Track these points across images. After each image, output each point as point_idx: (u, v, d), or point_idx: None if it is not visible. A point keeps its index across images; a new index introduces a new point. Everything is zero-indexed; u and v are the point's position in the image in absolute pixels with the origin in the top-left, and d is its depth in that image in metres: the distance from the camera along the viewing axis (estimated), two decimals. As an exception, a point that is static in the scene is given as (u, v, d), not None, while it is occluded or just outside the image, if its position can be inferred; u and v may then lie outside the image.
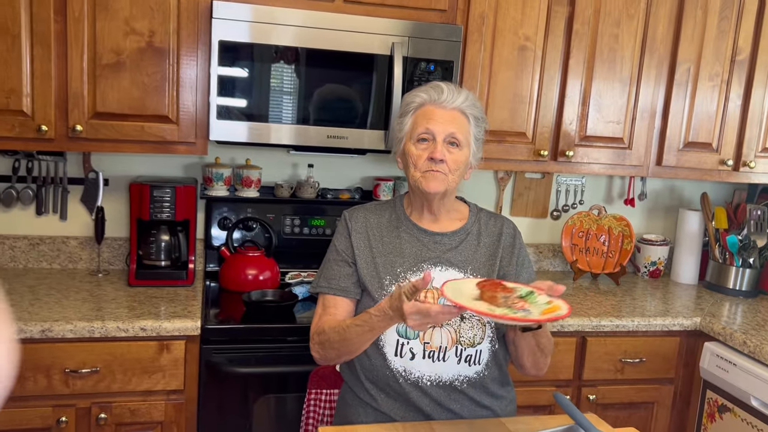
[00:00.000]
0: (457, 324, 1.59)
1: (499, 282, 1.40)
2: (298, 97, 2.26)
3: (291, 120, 2.26)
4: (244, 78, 2.21)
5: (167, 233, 2.42)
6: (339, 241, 1.74)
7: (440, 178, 1.63)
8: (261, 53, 2.20)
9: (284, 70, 2.23)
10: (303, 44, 2.21)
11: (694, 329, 2.43)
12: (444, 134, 1.63)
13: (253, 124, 2.24)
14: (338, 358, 1.66)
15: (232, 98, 2.21)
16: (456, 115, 1.65)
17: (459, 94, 1.66)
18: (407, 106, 1.71)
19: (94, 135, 2.18)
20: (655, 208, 3.14)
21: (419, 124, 1.65)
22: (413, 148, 1.66)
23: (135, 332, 2.00)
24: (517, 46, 2.45)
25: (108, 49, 2.15)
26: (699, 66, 2.62)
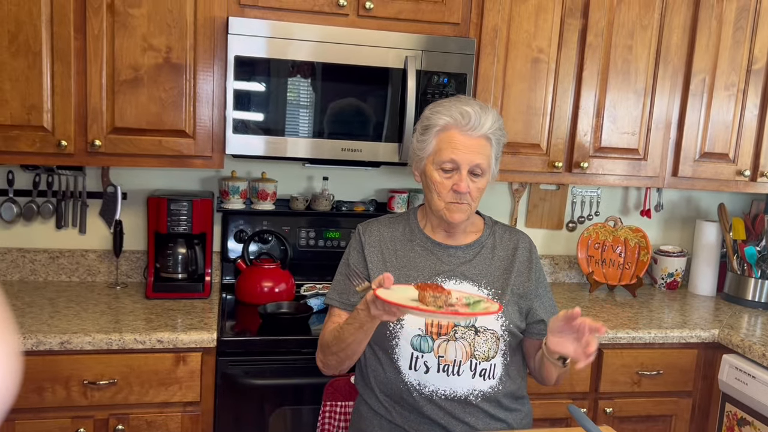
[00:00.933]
0: (472, 337, 1.59)
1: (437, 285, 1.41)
2: (313, 111, 2.28)
3: (306, 133, 2.28)
4: (259, 92, 2.24)
5: (184, 246, 2.44)
6: (352, 256, 1.75)
7: (464, 209, 1.65)
8: (276, 68, 2.23)
9: (299, 85, 2.26)
10: (317, 59, 2.24)
11: (712, 341, 2.41)
12: (469, 165, 1.63)
13: (269, 137, 2.26)
14: (339, 364, 1.67)
15: (247, 112, 2.23)
16: (481, 142, 1.64)
17: (486, 118, 1.63)
18: (431, 125, 1.67)
19: (112, 150, 2.22)
20: (672, 219, 3.12)
21: (443, 152, 1.63)
22: (436, 175, 1.65)
23: (152, 344, 2.02)
24: (530, 59, 2.46)
25: (126, 66, 2.18)
26: (714, 76, 2.61)
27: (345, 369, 1.68)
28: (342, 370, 1.69)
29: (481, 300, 1.42)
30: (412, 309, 1.33)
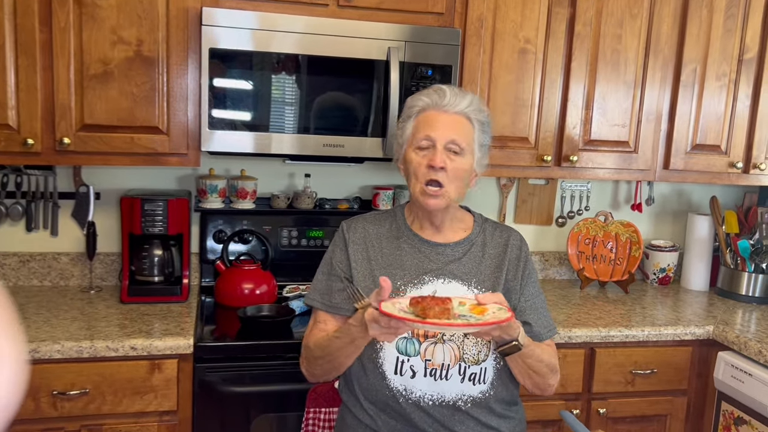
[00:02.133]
0: (461, 340, 1.51)
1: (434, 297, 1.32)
2: (293, 106, 2.19)
3: (286, 129, 2.19)
4: (236, 86, 2.15)
5: (160, 248, 2.34)
6: (334, 254, 1.66)
7: (441, 195, 1.55)
8: (253, 61, 2.13)
9: (278, 78, 2.16)
10: (296, 51, 2.15)
11: (707, 338, 2.34)
12: (444, 140, 1.55)
13: (247, 133, 2.17)
14: (325, 374, 1.59)
15: (224, 107, 2.14)
16: (459, 120, 1.57)
17: (463, 97, 1.58)
18: (409, 110, 1.63)
19: (82, 148, 2.12)
20: (663, 213, 3.05)
21: (420, 130, 1.58)
22: (413, 155, 1.58)
23: (125, 351, 1.92)
24: (517, 49, 2.38)
25: (95, 59, 2.08)
26: (705, 66, 2.54)
27: (332, 378, 1.60)
28: (328, 378, 1.61)
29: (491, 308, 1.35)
30: (428, 324, 1.24)
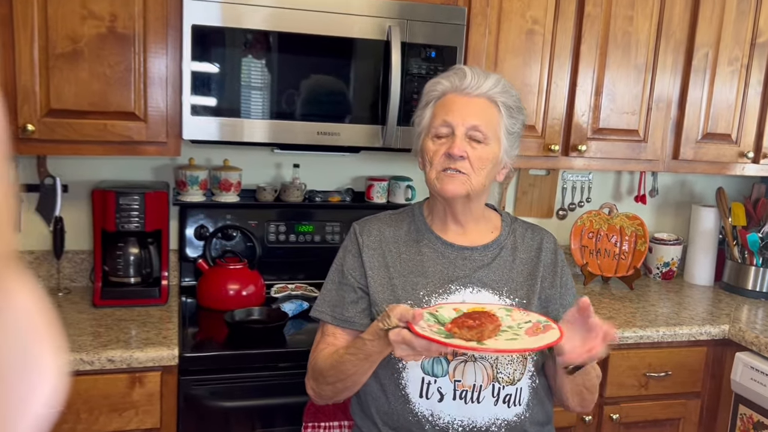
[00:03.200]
0: (494, 358, 1.34)
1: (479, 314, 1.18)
2: (284, 90, 1.99)
3: (275, 115, 1.99)
4: (221, 68, 1.94)
5: (136, 246, 2.13)
6: (346, 261, 1.48)
7: (460, 179, 1.38)
8: (241, 40, 1.93)
9: (268, 59, 1.96)
10: (288, 29, 1.95)
11: (722, 338, 2.23)
12: (464, 126, 1.38)
13: (232, 120, 1.96)
14: (335, 395, 1.41)
15: (207, 91, 1.93)
16: (481, 103, 1.40)
17: (486, 78, 1.42)
18: (427, 96, 1.46)
19: (48, 135, 1.89)
20: (665, 205, 2.93)
21: (438, 116, 1.41)
22: (430, 144, 1.42)
23: (101, 364, 1.72)
24: (524, 30, 2.21)
25: (62, 36, 1.85)
26: (718, 50, 2.41)
27: (342, 399, 1.42)
28: (338, 400, 1.43)
29: (528, 317, 1.20)
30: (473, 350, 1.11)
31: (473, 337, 1.14)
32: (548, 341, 1.14)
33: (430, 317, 1.22)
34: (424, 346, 1.11)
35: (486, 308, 1.22)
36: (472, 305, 1.26)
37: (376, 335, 1.22)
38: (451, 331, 1.16)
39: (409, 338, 1.11)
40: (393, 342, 1.14)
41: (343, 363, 1.31)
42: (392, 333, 1.14)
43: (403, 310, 1.15)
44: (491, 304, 1.29)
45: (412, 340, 1.11)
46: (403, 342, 1.12)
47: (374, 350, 1.24)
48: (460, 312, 1.21)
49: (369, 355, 1.26)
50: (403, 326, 1.13)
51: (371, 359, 1.27)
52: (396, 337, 1.13)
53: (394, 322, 1.14)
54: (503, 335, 1.18)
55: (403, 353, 1.14)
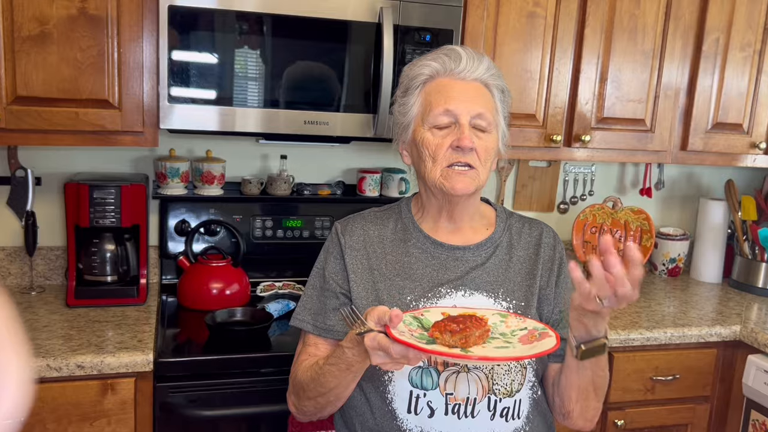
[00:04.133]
0: (489, 368, 1.22)
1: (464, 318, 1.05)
2: (268, 76, 1.86)
3: (259, 103, 1.87)
4: (200, 53, 1.81)
5: (112, 242, 2.00)
6: (328, 264, 1.35)
7: (470, 175, 1.26)
8: (221, 21, 1.80)
9: (250, 43, 1.83)
10: (271, 10, 1.82)
11: (733, 339, 2.11)
12: (469, 115, 1.25)
13: (212, 108, 1.84)
14: (318, 410, 1.28)
15: (186, 78, 1.80)
16: (479, 88, 1.28)
17: (480, 60, 1.29)
18: (413, 80, 1.32)
19: (15, 125, 1.77)
20: (671, 198, 2.81)
21: (435, 104, 1.27)
22: (429, 136, 1.28)
23: (70, 371, 1.60)
24: (525, 13, 2.08)
25: (29, 18, 1.72)
26: (729, 35, 2.28)
27: (326, 415, 1.30)
28: (322, 416, 1.30)
29: (524, 323, 1.08)
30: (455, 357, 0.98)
31: (457, 343, 1.02)
32: (540, 350, 1.02)
33: (414, 321, 1.10)
34: (401, 352, 0.98)
35: (478, 313, 1.10)
36: (463, 309, 1.14)
37: (355, 342, 1.09)
38: (433, 337, 1.04)
39: (385, 343, 0.99)
40: (368, 348, 1.02)
41: (323, 375, 1.19)
42: (367, 338, 1.02)
43: (381, 312, 1.03)
44: (484, 309, 1.17)
45: (388, 345, 0.99)
46: (378, 348, 1.00)
47: (355, 359, 1.12)
48: (448, 315, 1.09)
49: (350, 365, 1.14)
50: (380, 330, 1.00)
51: (353, 370, 1.15)
52: (371, 342, 1.01)
53: (370, 326, 1.02)
54: (493, 342, 1.07)
55: (379, 361, 1.02)
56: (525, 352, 1.03)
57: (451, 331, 1.01)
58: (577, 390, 1.25)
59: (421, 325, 1.10)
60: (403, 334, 1.02)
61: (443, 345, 1.02)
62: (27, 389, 0.56)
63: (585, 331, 1.14)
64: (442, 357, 1.08)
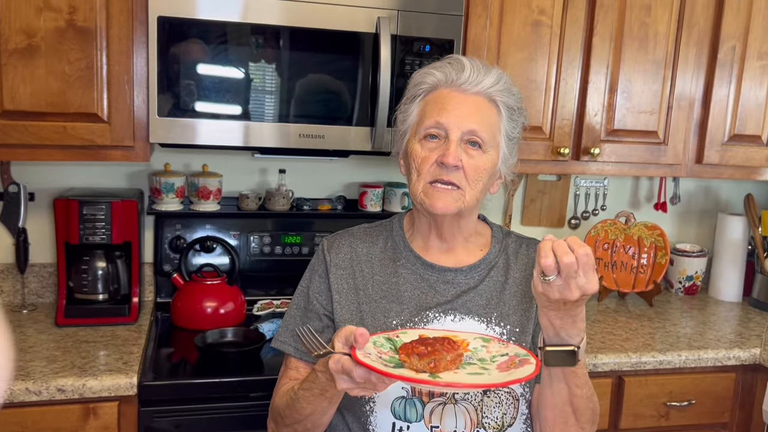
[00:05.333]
0: (478, 400, 1.14)
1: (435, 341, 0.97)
2: (261, 88, 1.80)
3: (255, 116, 1.81)
4: (192, 64, 1.76)
5: (103, 259, 1.95)
6: (312, 282, 1.28)
7: (452, 195, 1.18)
8: (212, 33, 1.74)
9: (242, 54, 1.78)
10: (264, 20, 1.76)
11: (753, 363, 1.99)
12: (460, 130, 1.18)
13: (207, 122, 1.78)
14: None
15: (178, 90, 1.75)
16: (480, 103, 1.20)
17: (487, 73, 1.21)
18: (415, 88, 1.26)
19: (2, 140, 1.73)
20: (687, 213, 2.70)
21: (428, 115, 1.20)
22: (418, 148, 1.21)
23: (50, 395, 1.54)
24: (530, 21, 2.00)
25: (16, 30, 1.69)
26: (746, 43, 2.18)
27: None
28: None
29: (506, 348, 1.00)
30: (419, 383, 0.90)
31: (426, 368, 0.94)
32: (515, 377, 0.94)
33: (387, 343, 1.02)
34: (363, 375, 0.91)
35: (458, 337, 1.02)
36: (443, 332, 1.06)
37: (327, 365, 1.02)
38: (402, 360, 0.96)
39: (348, 366, 0.92)
40: (332, 371, 0.94)
41: (298, 401, 1.11)
42: (331, 360, 0.94)
43: (348, 332, 0.95)
44: (465, 333, 1.09)
45: (351, 368, 0.91)
46: (342, 371, 0.93)
47: (329, 383, 1.05)
48: (426, 339, 1.01)
49: (324, 390, 1.06)
50: (345, 352, 0.93)
51: (327, 395, 1.08)
52: (335, 365, 0.93)
53: (338, 348, 0.94)
54: (468, 368, 0.98)
55: (345, 386, 0.94)
56: (498, 379, 0.94)
57: (419, 354, 0.94)
58: (552, 409, 1.15)
59: (394, 347, 1.02)
60: (368, 356, 0.94)
61: (411, 369, 0.94)
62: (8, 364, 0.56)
63: (554, 333, 1.06)
64: (413, 384, 1.01)
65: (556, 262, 0.95)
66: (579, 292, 0.97)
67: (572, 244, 0.97)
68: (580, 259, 0.95)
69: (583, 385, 1.13)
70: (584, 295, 0.98)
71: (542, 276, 0.97)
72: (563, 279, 0.96)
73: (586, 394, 1.14)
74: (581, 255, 0.95)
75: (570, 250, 0.96)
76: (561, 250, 0.96)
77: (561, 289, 0.97)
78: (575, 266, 0.95)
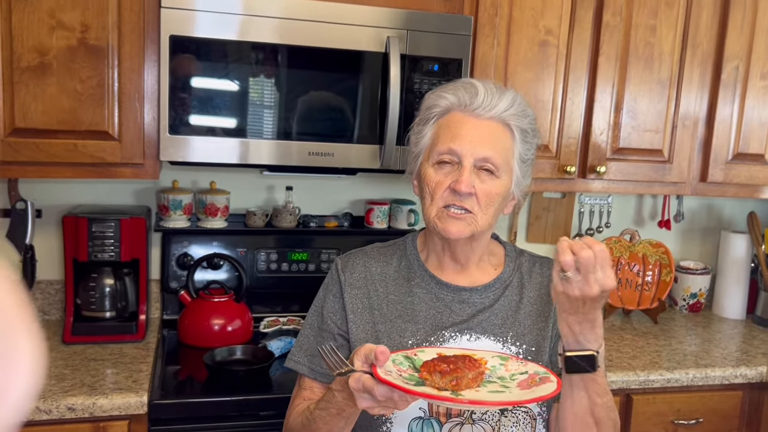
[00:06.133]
0: (496, 420, 1.14)
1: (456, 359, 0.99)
2: (272, 106, 1.82)
3: (264, 134, 1.82)
4: (203, 83, 1.77)
5: (111, 276, 1.95)
6: (326, 302, 1.28)
7: (465, 220, 1.18)
8: (224, 51, 1.76)
9: (253, 73, 1.79)
10: (274, 39, 1.77)
11: (760, 381, 2.00)
12: (473, 156, 1.18)
13: (216, 140, 1.79)
14: None
15: (188, 108, 1.76)
16: (494, 128, 1.21)
17: (501, 97, 1.21)
18: (428, 111, 1.26)
19: (13, 157, 1.73)
20: (691, 231, 2.71)
21: (441, 140, 1.21)
22: (431, 172, 1.21)
23: (60, 413, 1.53)
24: (537, 41, 2.02)
25: (29, 48, 1.69)
26: (749, 63, 2.21)
27: None
28: None
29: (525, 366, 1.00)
30: (443, 400, 0.91)
31: (447, 386, 0.95)
32: (538, 395, 0.95)
33: (405, 361, 1.02)
34: (385, 393, 0.91)
35: (476, 355, 1.02)
36: (460, 350, 1.06)
37: (344, 384, 1.02)
38: (423, 378, 0.96)
39: (369, 385, 0.92)
40: (353, 390, 0.94)
41: (314, 421, 1.11)
42: (352, 379, 0.94)
43: (368, 350, 0.96)
44: (483, 351, 1.09)
45: (372, 386, 0.91)
46: (363, 390, 0.93)
47: (345, 403, 1.04)
48: (447, 357, 1.01)
49: (341, 410, 1.06)
50: (366, 370, 0.93)
51: (344, 415, 1.07)
52: (356, 383, 0.93)
53: (358, 366, 0.94)
54: (489, 386, 0.99)
55: (365, 404, 0.94)
56: (521, 397, 0.95)
57: (441, 372, 0.94)
58: (572, 420, 1.15)
59: (413, 365, 1.02)
60: (389, 374, 0.94)
61: (433, 387, 0.95)
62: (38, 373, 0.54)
63: (573, 339, 1.08)
64: (436, 402, 1.01)
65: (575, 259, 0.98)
66: (598, 286, 0.99)
67: (588, 241, 1.00)
68: (597, 255, 0.99)
69: (603, 393, 1.13)
70: (603, 290, 1.01)
71: (561, 273, 1.00)
72: (582, 274, 0.99)
73: (607, 403, 1.14)
74: (598, 251, 0.99)
75: (587, 246, 0.98)
76: (578, 246, 0.99)
77: (580, 285, 0.99)
78: (593, 261, 0.98)
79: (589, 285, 0.99)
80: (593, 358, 1.07)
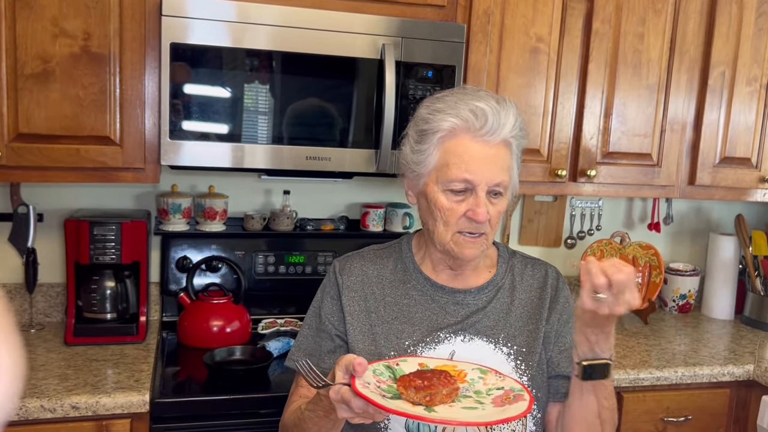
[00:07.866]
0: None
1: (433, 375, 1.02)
2: (269, 112, 1.86)
3: (262, 139, 1.86)
4: (202, 89, 1.81)
5: (112, 279, 1.98)
6: (324, 304, 1.32)
7: (480, 242, 1.24)
8: (223, 58, 1.80)
9: (251, 79, 1.83)
10: (273, 47, 1.82)
11: (747, 379, 2.05)
12: (488, 185, 1.22)
13: (216, 144, 1.83)
14: None
15: (188, 114, 1.80)
16: (501, 151, 1.23)
17: (507, 115, 1.22)
18: (431, 128, 1.25)
19: (16, 162, 1.77)
20: (680, 233, 2.77)
21: (452, 168, 1.21)
22: (443, 200, 1.23)
23: (64, 412, 1.57)
24: (528, 48, 2.07)
25: (32, 56, 1.73)
26: (735, 69, 2.26)
27: None
28: None
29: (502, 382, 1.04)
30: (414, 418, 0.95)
31: (422, 401, 0.98)
32: (508, 415, 0.99)
33: (386, 371, 1.06)
34: (361, 407, 0.95)
35: (457, 367, 1.06)
36: (442, 361, 1.10)
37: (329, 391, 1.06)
38: (399, 391, 1.00)
39: (347, 397, 0.96)
40: (333, 401, 0.98)
41: (304, 420, 1.15)
42: (332, 390, 0.98)
43: (348, 361, 1.00)
44: (463, 363, 1.14)
45: (350, 399, 0.95)
46: (342, 401, 0.97)
47: (332, 407, 1.07)
48: (426, 368, 1.05)
49: (327, 413, 1.10)
50: (346, 382, 0.97)
51: (331, 417, 1.11)
52: (335, 395, 0.98)
53: (339, 377, 0.99)
54: (464, 401, 1.03)
55: (345, 414, 0.99)
56: (491, 417, 0.99)
57: (415, 387, 0.98)
58: (581, 423, 1.20)
59: (393, 375, 1.06)
60: (368, 386, 0.98)
61: (408, 401, 0.99)
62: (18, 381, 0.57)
63: (589, 349, 1.13)
64: (408, 419, 1.05)
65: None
66: (626, 306, 1.04)
67: (619, 264, 1.04)
68: (627, 277, 1.03)
69: (609, 397, 1.20)
70: (630, 309, 1.06)
71: (594, 294, 1.04)
72: (614, 295, 1.03)
73: (612, 405, 1.21)
74: (628, 273, 1.03)
75: (618, 269, 1.03)
76: (612, 270, 1.03)
77: (611, 305, 1.04)
78: (625, 283, 1.02)
79: (618, 305, 1.03)
80: (608, 367, 1.13)
